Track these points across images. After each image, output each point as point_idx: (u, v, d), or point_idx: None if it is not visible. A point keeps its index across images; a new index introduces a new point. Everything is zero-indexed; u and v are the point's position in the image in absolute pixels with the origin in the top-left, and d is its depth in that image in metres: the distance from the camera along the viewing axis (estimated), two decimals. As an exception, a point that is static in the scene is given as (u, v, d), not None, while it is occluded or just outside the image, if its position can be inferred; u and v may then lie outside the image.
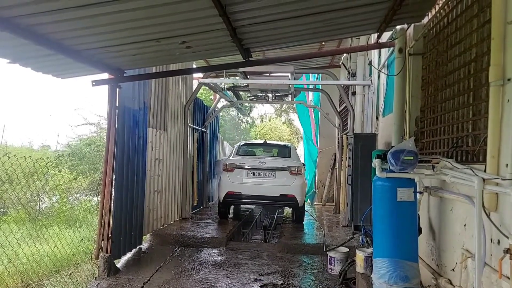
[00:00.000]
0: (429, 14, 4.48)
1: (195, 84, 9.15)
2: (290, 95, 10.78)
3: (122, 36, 3.74)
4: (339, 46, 9.05)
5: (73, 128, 14.86)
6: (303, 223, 8.63)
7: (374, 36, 5.39)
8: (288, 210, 10.74)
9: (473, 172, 2.81)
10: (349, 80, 9.46)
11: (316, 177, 13.61)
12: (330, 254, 5.50)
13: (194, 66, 8.50)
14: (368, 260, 4.49)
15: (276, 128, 31.10)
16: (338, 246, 5.75)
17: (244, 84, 9.43)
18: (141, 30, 3.63)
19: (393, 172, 3.61)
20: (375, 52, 7.34)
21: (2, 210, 9.27)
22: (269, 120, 31.62)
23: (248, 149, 9.63)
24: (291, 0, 3.42)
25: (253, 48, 4.74)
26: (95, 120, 15.28)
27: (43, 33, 3.37)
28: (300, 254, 6.42)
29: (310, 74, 12.79)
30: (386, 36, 5.54)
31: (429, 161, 3.81)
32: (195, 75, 9.47)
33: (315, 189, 13.51)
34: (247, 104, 14.36)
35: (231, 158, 8.85)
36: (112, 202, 5.19)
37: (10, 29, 3.08)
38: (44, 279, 5.81)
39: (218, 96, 10.76)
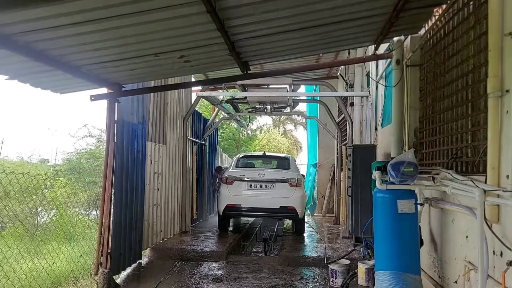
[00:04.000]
0: (426, 25, 4.51)
1: (194, 97, 9.17)
2: (288, 107, 10.80)
3: (121, 51, 3.75)
4: (337, 57, 9.10)
5: (73, 143, 14.81)
6: (304, 235, 8.57)
7: (371, 48, 5.42)
8: (288, 222, 10.67)
9: (474, 183, 2.80)
10: (347, 91, 9.50)
11: (316, 188, 13.57)
12: (332, 266, 5.44)
13: (193, 80, 8.51)
14: (370, 273, 4.46)
15: (275, 139, 31.13)
16: (340, 259, 5.70)
17: (243, 97, 9.45)
18: (140, 45, 3.65)
19: (394, 184, 3.61)
20: (372, 63, 7.38)
21: (0, 225, 9.19)
22: (268, 131, 31.62)
23: (247, 161, 9.60)
24: (288, 14, 3.45)
25: (251, 61, 4.75)
26: (96, 132, 15.20)
27: (41, 49, 3.38)
28: (301, 267, 6.35)
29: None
30: (383, 47, 5.57)
31: (429, 172, 3.80)
32: (194, 88, 9.48)
33: (314, 202, 13.44)
34: (246, 116, 14.40)
35: (230, 170, 8.81)
36: (111, 217, 5.16)
37: (9, 46, 3.09)
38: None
39: (217, 108, 10.77)
